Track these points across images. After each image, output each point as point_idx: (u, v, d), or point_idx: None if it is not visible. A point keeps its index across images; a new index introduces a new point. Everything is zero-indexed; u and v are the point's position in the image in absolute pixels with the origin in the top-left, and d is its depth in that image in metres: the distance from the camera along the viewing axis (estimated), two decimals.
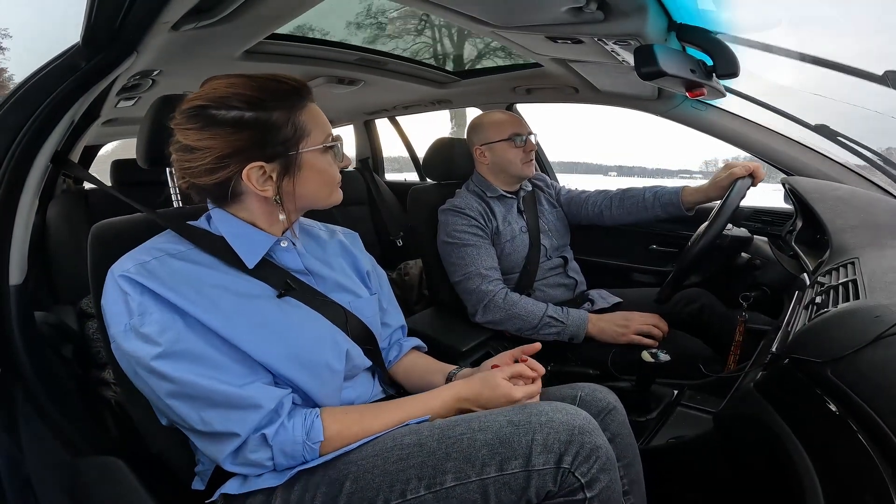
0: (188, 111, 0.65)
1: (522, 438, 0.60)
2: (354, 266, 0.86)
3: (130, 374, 0.63)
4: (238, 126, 0.64)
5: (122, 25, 0.76)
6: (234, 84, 0.65)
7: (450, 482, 0.60)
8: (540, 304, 1.26)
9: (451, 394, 0.73)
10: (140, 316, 0.60)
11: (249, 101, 0.64)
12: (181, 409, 0.61)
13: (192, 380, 0.60)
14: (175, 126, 0.67)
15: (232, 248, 0.69)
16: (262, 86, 0.65)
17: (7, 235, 0.79)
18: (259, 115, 0.64)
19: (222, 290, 0.66)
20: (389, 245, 2.68)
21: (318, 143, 0.69)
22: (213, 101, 0.64)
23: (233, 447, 0.62)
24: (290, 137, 0.66)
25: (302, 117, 0.67)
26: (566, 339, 1.23)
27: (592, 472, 0.60)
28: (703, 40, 0.97)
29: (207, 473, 0.73)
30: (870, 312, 0.59)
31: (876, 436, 0.49)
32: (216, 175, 0.65)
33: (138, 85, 1.38)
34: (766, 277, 1.28)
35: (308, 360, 0.69)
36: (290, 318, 0.69)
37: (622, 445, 0.74)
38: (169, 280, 0.63)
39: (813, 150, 1.38)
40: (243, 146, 0.64)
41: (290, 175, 0.67)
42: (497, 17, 1.05)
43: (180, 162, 0.67)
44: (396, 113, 2.60)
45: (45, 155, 0.82)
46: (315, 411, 0.68)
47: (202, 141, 0.64)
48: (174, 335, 0.61)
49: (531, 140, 1.38)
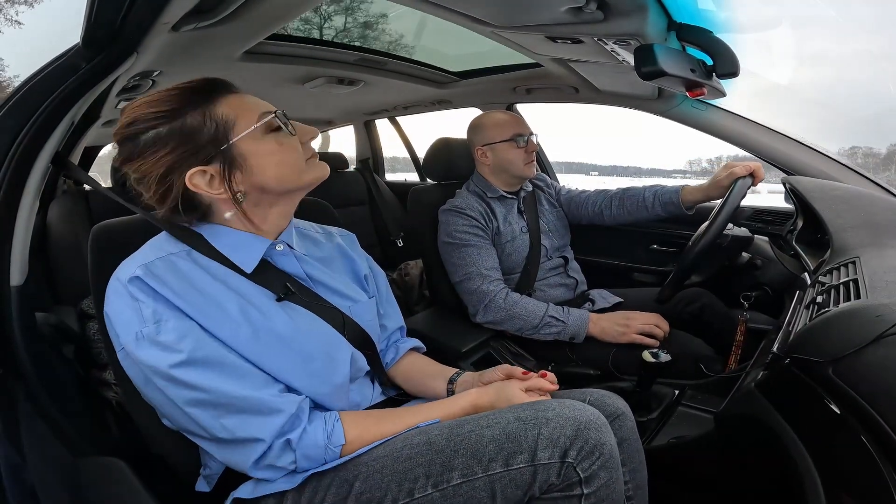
0: (118, 144, 0.64)
1: (529, 433, 0.61)
2: (352, 270, 0.86)
3: (140, 382, 0.62)
4: (157, 143, 0.62)
5: (123, 26, 0.76)
6: (142, 105, 0.63)
7: (456, 479, 0.60)
8: (541, 304, 1.26)
9: (468, 401, 0.74)
10: (156, 324, 0.60)
11: (159, 116, 0.62)
12: (201, 418, 0.61)
13: (217, 386, 0.60)
14: (116, 164, 0.66)
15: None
16: (166, 97, 0.63)
17: (8, 236, 0.79)
18: (172, 125, 0.62)
19: (228, 294, 0.65)
20: (390, 245, 2.68)
21: (248, 127, 0.65)
22: (129, 128, 0.63)
23: (258, 453, 0.62)
24: (213, 133, 0.63)
25: (219, 110, 0.64)
26: (566, 338, 1.23)
27: (593, 469, 0.60)
28: (703, 40, 0.97)
29: (215, 477, 0.73)
30: (871, 312, 0.59)
31: (877, 435, 0.49)
32: (170, 195, 0.64)
33: (138, 86, 1.38)
34: (766, 277, 1.28)
35: (317, 366, 0.69)
36: (296, 323, 0.69)
37: (630, 451, 0.74)
38: (177, 285, 0.62)
39: (813, 149, 1.38)
40: (174, 160, 0.62)
41: (237, 168, 0.65)
42: (497, 17, 1.05)
43: (145, 194, 0.66)
44: (396, 113, 2.60)
45: (45, 156, 0.82)
46: (334, 415, 0.68)
47: (140, 168, 0.63)
48: (193, 342, 0.60)
49: (532, 140, 1.38)
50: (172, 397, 0.60)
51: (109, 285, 0.63)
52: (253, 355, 0.64)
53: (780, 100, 1.65)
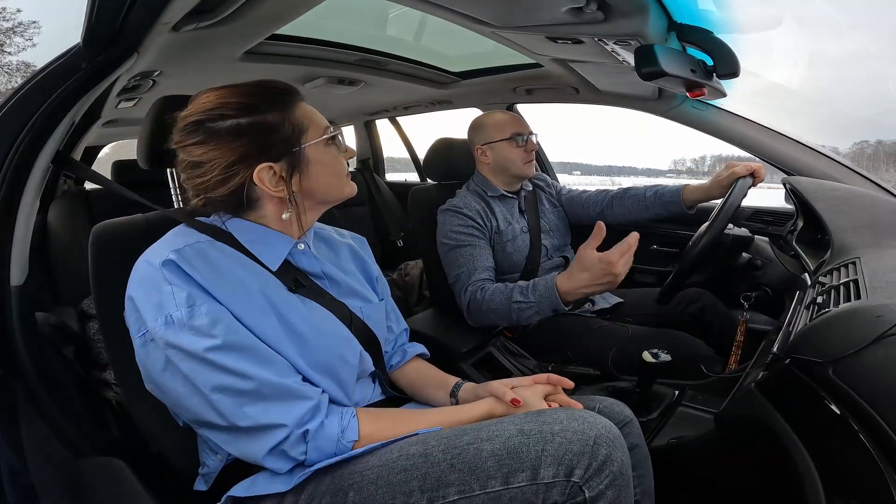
0: (185, 128, 0.66)
1: (532, 449, 0.58)
2: (364, 271, 0.87)
3: (158, 369, 0.61)
4: (237, 133, 0.65)
5: (123, 26, 0.76)
6: (223, 94, 0.66)
7: (453, 496, 0.57)
8: (505, 292, 1.15)
9: (486, 410, 0.73)
10: (189, 308, 0.60)
11: (241, 107, 0.65)
12: (224, 405, 0.60)
13: (249, 371, 0.60)
14: (176, 146, 0.67)
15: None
16: (251, 91, 0.67)
17: (8, 236, 0.79)
18: (254, 119, 0.65)
19: (253, 284, 0.66)
20: (390, 245, 2.68)
21: (317, 136, 0.70)
22: (207, 113, 0.65)
23: (278, 439, 0.61)
24: (289, 135, 0.67)
25: (296, 115, 0.69)
26: (549, 314, 1.11)
27: (600, 488, 0.57)
28: (704, 40, 0.97)
29: (212, 476, 0.73)
30: (871, 312, 0.59)
31: (877, 436, 0.49)
32: (229, 184, 0.66)
33: (139, 86, 1.38)
34: (767, 277, 1.28)
35: (329, 361, 0.70)
36: (312, 318, 0.70)
37: (638, 457, 0.74)
38: (208, 272, 0.63)
39: (814, 149, 1.38)
40: (247, 151, 0.65)
41: (299, 171, 0.69)
42: (497, 18, 1.05)
43: (191, 179, 0.68)
44: (397, 114, 2.60)
45: (46, 156, 0.82)
46: (351, 410, 0.68)
47: (206, 154, 0.65)
48: (226, 327, 0.61)
49: (532, 140, 1.38)
50: (198, 382, 0.60)
51: (137, 269, 0.63)
52: (276, 344, 0.65)
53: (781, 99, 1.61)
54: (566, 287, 1.04)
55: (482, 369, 1.24)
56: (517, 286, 1.14)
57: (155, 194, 0.88)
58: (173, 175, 0.97)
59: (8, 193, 0.77)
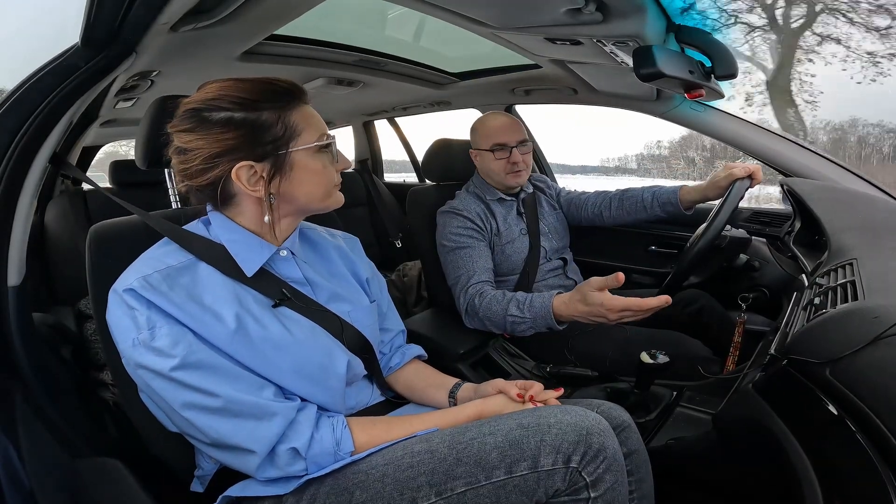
0: (182, 115, 0.66)
1: (531, 440, 0.61)
2: (354, 273, 0.86)
3: (142, 386, 0.64)
4: (227, 126, 0.64)
5: (121, 26, 0.76)
6: (226, 86, 0.66)
7: (460, 487, 0.60)
8: (502, 303, 1.15)
9: (476, 411, 0.74)
10: (150, 330, 0.60)
11: (239, 101, 0.65)
12: (197, 421, 0.61)
13: (211, 387, 0.60)
14: (171, 129, 0.67)
15: (231, 255, 0.68)
16: (254, 87, 0.66)
17: (5, 236, 0.79)
18: (248, 115, 0.65)
19: (226, 305, 0.65)
20: (388, 246, 2.68)
21: (309, 142, 0.68)
22: (205, 103, 0.65)
23: (254, 464, 0.62)
24: (279, 136, 0.66)
25: (293, 117, 0.67)
26: (543, 330, 1.12)
27: (598, 472, 0.60)
28: (702, 42, 0.97)
29: (207, 477, 0.72)
30: (868, 313, 0.59)
31: (874, 436, 0.49)
32: (207, 175, 0.66)
33: (137, 86, 1.38)
34: (764, 279, 1.28)
35: (311, 371, 0.69)
36: (291, 332, 0.69)
37: (637, 462, 0.74)
38: (173, 295, 0.62)
39: (811, 150, 1.38)
40: (232, 145, 0.65)
41: (281, 175, 0.67)
42: (496, 19, 1.05)
43: (177, 165, 0.68)
44: (395, 114, 2.60)
45: (43, 155, 0.82)
46: (342, 421, 0.68)
47: (193, 142, 0.65)
48: (186, 347, 0.61)
49: (517, 152, 1.33)
50: (169, 400, 0.61)
51: (109, 296, 0.64)
52: (248, 361, 0.64)
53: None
54: (561, 311, 1.05)
55: (480, 370, 1.24)
56: (514, 299, 1.14)
57: (153, 194, 0.88)
58: (171, 176, 0.97)
59: (6, 193, 0.77)
